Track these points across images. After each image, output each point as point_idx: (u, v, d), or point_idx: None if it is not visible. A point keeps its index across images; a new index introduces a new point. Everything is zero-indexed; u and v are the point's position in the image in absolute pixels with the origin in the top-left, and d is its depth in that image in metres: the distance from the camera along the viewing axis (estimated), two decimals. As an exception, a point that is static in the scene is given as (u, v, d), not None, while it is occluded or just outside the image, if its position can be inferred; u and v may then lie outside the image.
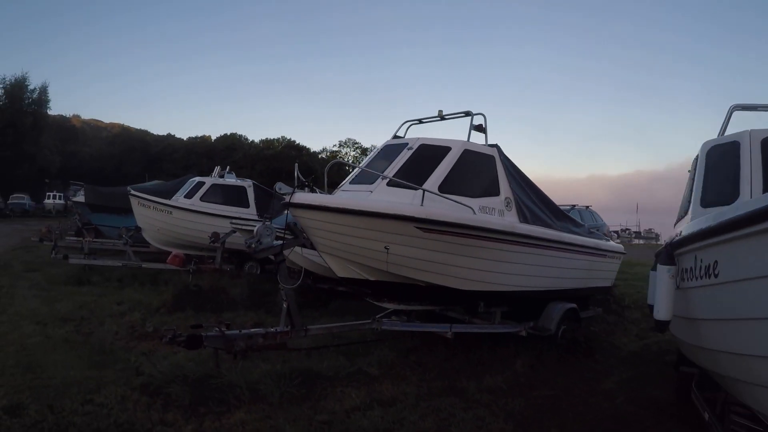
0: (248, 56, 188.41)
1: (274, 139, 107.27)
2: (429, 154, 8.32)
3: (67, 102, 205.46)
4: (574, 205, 19.58)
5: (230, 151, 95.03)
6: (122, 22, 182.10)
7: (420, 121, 9.86)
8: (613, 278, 12.84)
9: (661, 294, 4.36)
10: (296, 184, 7.19)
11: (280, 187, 7.04)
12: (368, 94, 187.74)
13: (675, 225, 7.09)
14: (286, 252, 7.32)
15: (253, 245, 7.00)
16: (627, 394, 7.25)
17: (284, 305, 7.14)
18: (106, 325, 9.67)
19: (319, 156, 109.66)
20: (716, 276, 3.49)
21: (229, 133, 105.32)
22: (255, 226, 12.92)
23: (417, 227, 7.18)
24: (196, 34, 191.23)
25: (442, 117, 9.46)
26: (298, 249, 9.13)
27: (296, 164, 7.45)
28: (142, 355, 7.88)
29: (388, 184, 7.83)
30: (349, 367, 7.54)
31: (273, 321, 10.26)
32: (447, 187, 7.87)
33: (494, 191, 8.53)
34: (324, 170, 7.98)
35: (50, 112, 77.16)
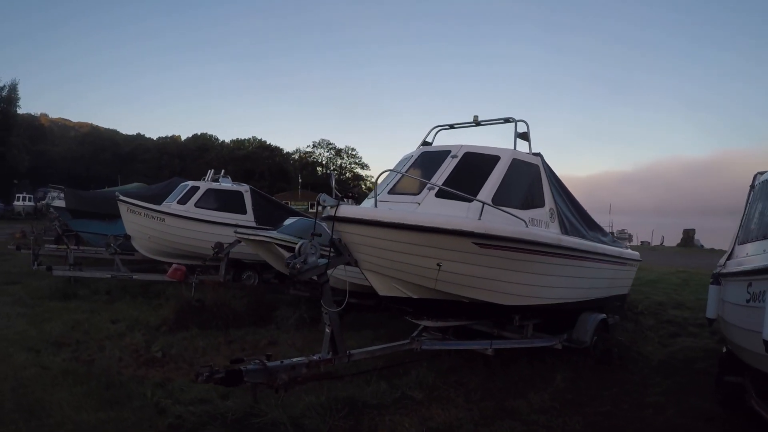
0: (217, 55, 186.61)
1: (245, 139, 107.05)
2: (476, 164, 7.87)
3: (34, 101, 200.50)
4: None
5: (202, 151, 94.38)
6: (90, 20, 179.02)
7: (451, 127, 9.39)
8: (629, 285, 12.76)
9: None
10: (333, 193, 6.44)
11: (324, 198, 6.28)
12: (342, 93, 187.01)
13: (739, 244, 7.22)
14: (329, 272, 6.74)
15: (298, 265, 6.34)
16: (674, 406, 7.19)
17: (327, 330, 6.62)
18: (107, 350, 8.84)
19: (292, 157, 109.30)
20: None
21: (199, 133, 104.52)
22: (261, 235, 12.54)
23: (475, 243, 6.71)
24: (164, 33, 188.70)
25: (477, 123, 9.00)
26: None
27: (332, 173, 6.82)
28: (158, 387, 7.15)
29: (437, 195, 7.32)
30: (392, 392, 7.06)
31: (286, 338, 9.95)
32: (499, 198, 7.44)
33: (540, 202, 8.24)
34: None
35: (19, 111, 75.28)
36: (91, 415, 6.20)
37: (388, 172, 7.93)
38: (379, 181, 7.39)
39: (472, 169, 7.78)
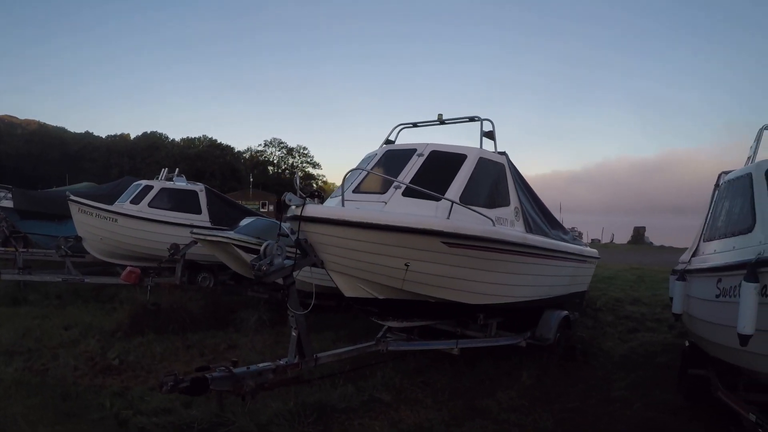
0: (168, 52, 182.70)
1: (195, 138, 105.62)
2: (443, 162, 7.78)
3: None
4: None
5: (152, 150, 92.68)
6: (35, 14, 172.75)
7: (415, 125, 9.31)
8: (588, 282, 12.98)
9: (748, 310, 4.44)
10: (297, 192, 6.14)
11: (290, 198, 6.05)
12: (294, 92, 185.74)
13: (705, 241, 7.48)
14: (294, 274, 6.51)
15: (264, 267, 6.12)
16: (640, 400, 7.31)
17: (294, 333, 6.43)
18: (61, 358, 8.36)
19: (243, 156, 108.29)
20: None
21: (149, 132, 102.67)
22: (218, 235, 12.26)
23: (443, 242, 6.60)
24: (112, 29, 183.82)
25: (442, 121, 8.94)
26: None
27: (297, 172, 6.62)
28: (117, 397, 6.83)
29: (404, 194, 7.20)
30: (359, 395, 6.94)
31: (245, 341, 9.72)
32: (467, 197, 7.37)
33: (505, 201, 8.22)
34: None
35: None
36: (47, 428, 5.90)
37: (360, 171, 7.79)
38: (347, 180, 7.26)
39: (438, 168, 7.68)
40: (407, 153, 8.00)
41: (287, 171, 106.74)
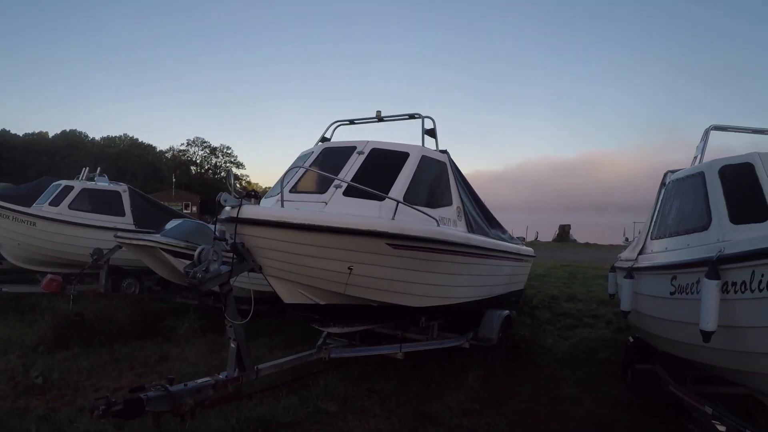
0: (87, 47, 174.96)
1: (116, 136, 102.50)
2: (385, 160, 7.50)
3: None
4: None
5: (71, 149, 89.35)
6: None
7: (352, 122, 9.03)
8: (525, 281, 13.09)
9: (711, 307, 4.46)
10: (232, 192, 5.74)
11: (225, 198, 5.61)
12: (217, 91, 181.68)
13: (653, 239, 7.55)
14: (232, 280, 6.12)
15: (199, 275, 5.67)
16: (590, 397, 7.41)
17: (232, 345, 6.04)
18: None
19: (165, 155, 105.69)
20: None
21: (68, 130, 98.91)
22: (144, 239, 11.67)
23: (389, 244, 6.32)
24: (30, 23, 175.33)
25: (380, 119, 8.69)
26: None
27: (230, 170, 6.12)
28: (43, 421, 6.21)
29: (345, 194, 6.87)
30: (304, 406, 6.62)
31: (177, 351, 9.27)
32: (410, 197, 7.11)
33: (448, 201, 8.02)
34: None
35: None
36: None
37: (298, 169, 7.42)
38: (284, 178, 6.89)
39: (380, 166, 7.40)
40: (347, 151, 7.67)
41: (210, 171, 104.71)
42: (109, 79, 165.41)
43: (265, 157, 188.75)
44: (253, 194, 6.06)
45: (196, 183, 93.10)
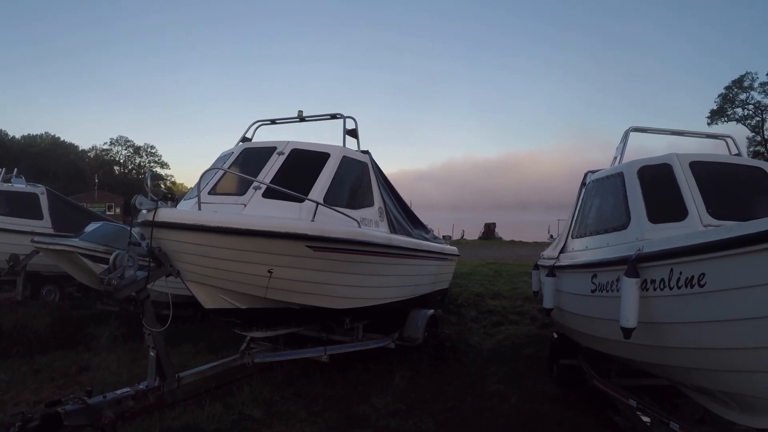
0: (4, 42, 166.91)
1: (37, 135, 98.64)
2: (305, 161, 7.42)
3: None
4: None
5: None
6: None
7: (273, 122, 8.91)
8: (450, 279, 13.13)
9: (631, 304, 4.53)
10: (149, 194, 5.49)
11: (140, 201, 5.39)
12: (141, 90, 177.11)
13: (574, 237, 7.64)
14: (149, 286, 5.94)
15: (114, 281, 5.50)
16: (516, 393, 7.47)
17: (152, 353, 5.88)
18: None
19: (88, 155, 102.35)
20: (701, 286, 3.95)
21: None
22: (62, 243, 11.25)
23: (308, 246, 6.25)
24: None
25: (302, 119, 8.61)
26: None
27: (148, 172, 5.90)
28: None
29: (264, 195, 6.74)
30: (229, 413, 6.50)
31: (98, 360, 8.97)
32: (331, 198, 7.05)
33: (370, 201, 8.00)
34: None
35: None
36: None
37: (217, 171, 7.26)
38: (203, 180, 6.71)
39: (300, 167, 7.34)
40: (267, 151, 7.55)
41: (134, 171, 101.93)
42: (30, 75, 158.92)
43: (190, 157, 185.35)
44: (170, 197, 5.94)
45: (120, 184, 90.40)
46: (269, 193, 6.71)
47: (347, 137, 8.31)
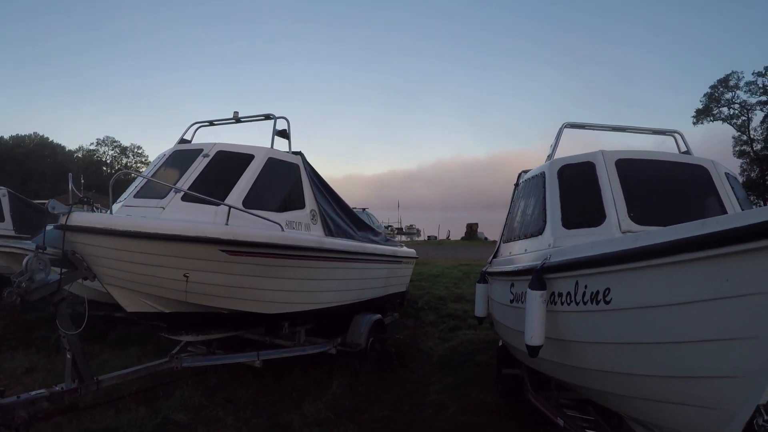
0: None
1: (25, 135, 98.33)
2: (229, 163, 7.36)
3: None
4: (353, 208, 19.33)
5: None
6: None
7: (211, 123, 8.84)
8: (407, 282, 12.99)
9: (535, 319, 4.16)
10: (71, 199, 5.67)
11: (54, 205, 5.52)
12: (127, 89, 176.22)
13: (504, 242, 7.28)
14: (65, 289, 5.95)
15: (24, 284, 5.50)
16: (456, 403, 7.22)
17: (68, 355, 5.86)
18: None
19: (75, 156, 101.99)
20: (607, 303, 3.54)
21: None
22: (16, 246, 11.20)
23: (222, 250, 6.20)
24: None
25: (237, 119, 8.54)
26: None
27: (70, 175, 5.95)
28: None
29: (183, 199, 6.70)
30: (153, 417, 6.47)
31: (45, 363, 8.90)
32: (252, 201, 6.98)
33: (300, 204, 7.89)
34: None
35: None
36: None
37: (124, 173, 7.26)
38: (133, 183, 6.71)
39: (224, 169, 7.28)
40: (193, 153, 7.51)
41: (122, 171, 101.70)
42: (19, 76, 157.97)
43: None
44: (86, 200, 6.00)
45: (107, 184, 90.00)
46: (188, 197, 6.67)
47: (280, 138, 8.25)
